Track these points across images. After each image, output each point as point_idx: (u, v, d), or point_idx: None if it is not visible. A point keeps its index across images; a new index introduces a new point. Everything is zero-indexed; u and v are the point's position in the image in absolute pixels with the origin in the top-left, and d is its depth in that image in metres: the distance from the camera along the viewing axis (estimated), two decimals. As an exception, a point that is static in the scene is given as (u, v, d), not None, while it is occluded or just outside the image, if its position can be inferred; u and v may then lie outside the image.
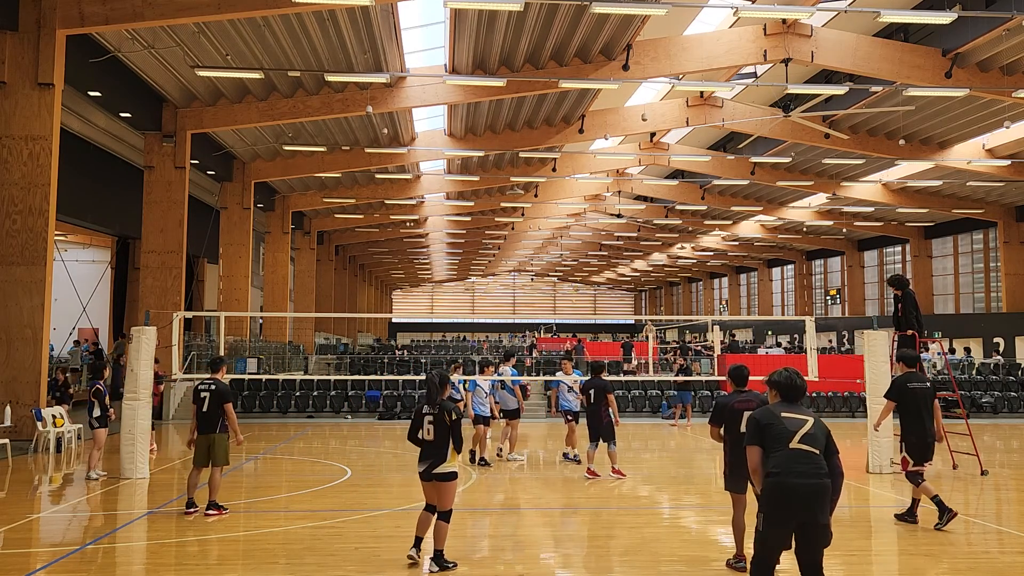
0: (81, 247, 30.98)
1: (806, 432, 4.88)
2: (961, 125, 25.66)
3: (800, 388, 5.13)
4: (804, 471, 4.77)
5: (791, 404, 5.07)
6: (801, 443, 4.83)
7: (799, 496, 4.73)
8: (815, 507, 4.75)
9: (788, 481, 4.76)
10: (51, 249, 15.34)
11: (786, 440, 4.85)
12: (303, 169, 28.53)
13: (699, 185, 36.93)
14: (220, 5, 15.01)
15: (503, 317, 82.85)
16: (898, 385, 9.05)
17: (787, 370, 5.21)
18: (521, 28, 18.45)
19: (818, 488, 4.77)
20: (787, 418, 4.94)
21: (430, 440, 6.93)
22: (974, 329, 36.19)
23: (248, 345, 27.64)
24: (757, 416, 5.01)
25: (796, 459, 4.81)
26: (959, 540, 8.16)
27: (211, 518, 8.73)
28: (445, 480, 6.88)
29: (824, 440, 4.93)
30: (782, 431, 4.90)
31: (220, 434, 8.90)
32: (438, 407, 6.97)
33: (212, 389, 8.92)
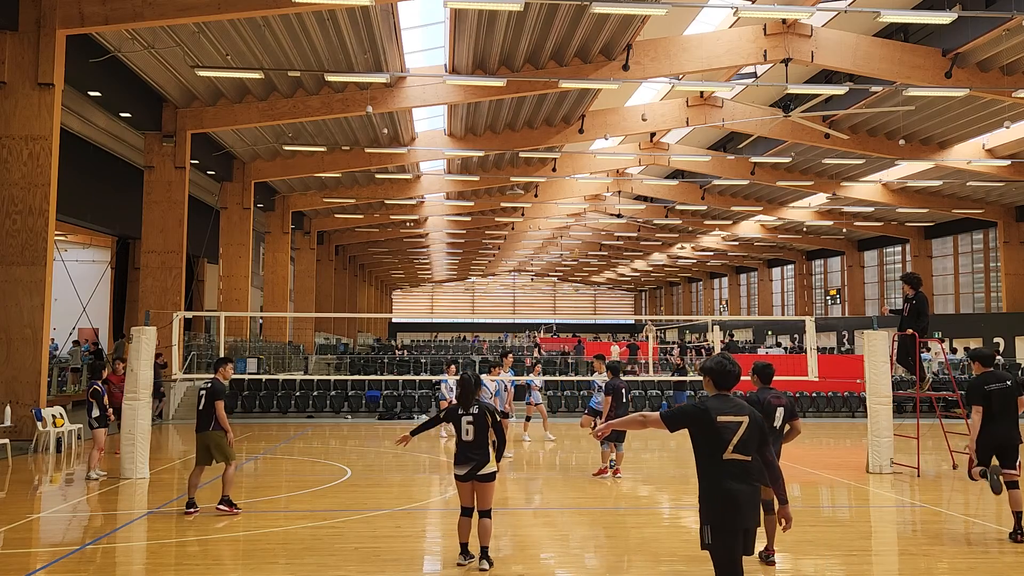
0: (81, 247, 30.99)
1: (740, 439, 4.64)
2: (961, 125, 25.66)
3: (733, 374, 4.80)
4: (741, 478, 4.64)
5: (724, 399, 4.75)
6: (735, 453, 4.63)
7: (740, 504, 4.63)
8: (752, 513, 4.70)
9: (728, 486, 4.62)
10: (51, 249, 15.34)
11: (720, 450, 4.64)
12: (303, 169, 28.54)
13: (699, 185, 36.93)
14: (220, 5, 15.01)
15: (503, 317, 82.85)
16: (977, 387, 8.19)
17: (720, 355, 4.93)
18: (521, 28, 18.45)
19: (752, 495, 4.71)
20: (722, 423, 4.65)
21: (470, 441, 6.81)
22: (974, 329, 36.18)
23: (248, 345, 27.64)
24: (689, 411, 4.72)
25: (731, 469, 4.64)
26: (959, 540, 8.16)
27: (222, 514, 8.72)
28: (489, 481, 6.81)
29: (758, 439, 4.76)
30: (716, 440, 4.64)
31: (215, 431, 8.96)
32: (478, 407, 6.90)
33: (207, 387, 9.03)
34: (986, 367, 8.34)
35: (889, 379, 12.80)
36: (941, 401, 19.23)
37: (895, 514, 9.74)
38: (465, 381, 7.00)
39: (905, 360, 12.83)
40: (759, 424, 4.77)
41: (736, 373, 4.81)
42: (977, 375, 8.35)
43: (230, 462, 9.03)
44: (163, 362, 17.06)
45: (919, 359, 12.72)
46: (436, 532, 8.77)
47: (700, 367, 4.97)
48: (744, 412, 4.70)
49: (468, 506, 6.91)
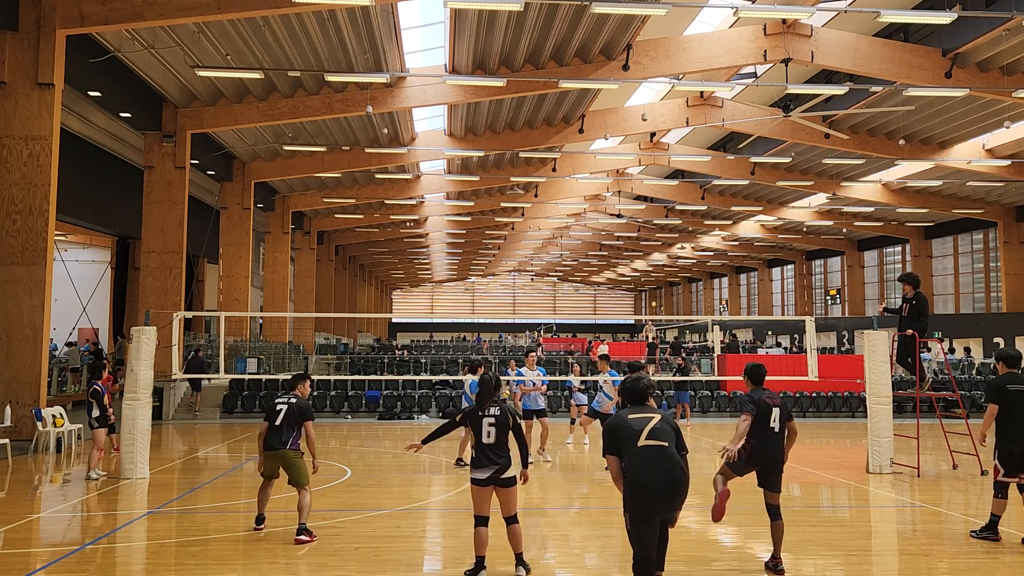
0: (81, 247, 30.99)
1: (652, 427, 5.25)
2: (961, 125, 25.66)
3: (642, 391, 5.57)
4: (656, 465, 5.14)
5: (636, 406, 5.50)
6: (649, 439, 5.19)
7: (655, 490, 5.10)
8: (671, 499, 5.14)
9: (642, 478, 5.12)
10: (51, 249, 15.34)
11: (634, 439, 5.21)
12: (303, 169, 28.53)
13: (699, 185, 36.92)
14: (220, 5, 15.01)
15: (503, 317, 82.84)
16: (998, 387, 8.09)
17: (631, 377, 5.70)
18: (521, 28, 18.45)
19: (672, 480, 5.13)
20: (633, 419, 5.32)
21: (492, 443, 6.47)
22: (974, 329, 36.17)
23: (248, 345, 27.64)
24: (609, 425, 5.40)
25: (646, 454, 5.16)
26: (959, 540, 8.16)
27: (302, 546, 7.68)
28: (512, 486, 6.53)
29: (674, 434, 5.34)
30: (629, 431, 5.27)
31: (291, 451, 8.00)
32: (499, 408, 6.60)
33: (291, 403, 8.09)
34: (1010, 368, 8.25)
35: (889, 379, 12.79)
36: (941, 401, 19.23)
37: (895, 514, 9.74)
38: (486, 381, 6.69)
39: (905, 360, 12.84)
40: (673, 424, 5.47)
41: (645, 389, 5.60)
42: (1001, 375, 8.28)
43: (304, 487, 7.97)
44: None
45: (919, 359, 12.72)
46: (436, 532, 8.78)
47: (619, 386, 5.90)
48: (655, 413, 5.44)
49: (484, 515, 6.49)
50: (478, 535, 6.50)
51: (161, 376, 16.53)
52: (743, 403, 7.07)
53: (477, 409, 6.63)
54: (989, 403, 8.13)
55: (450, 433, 6.94)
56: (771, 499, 6.93)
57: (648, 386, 5.64)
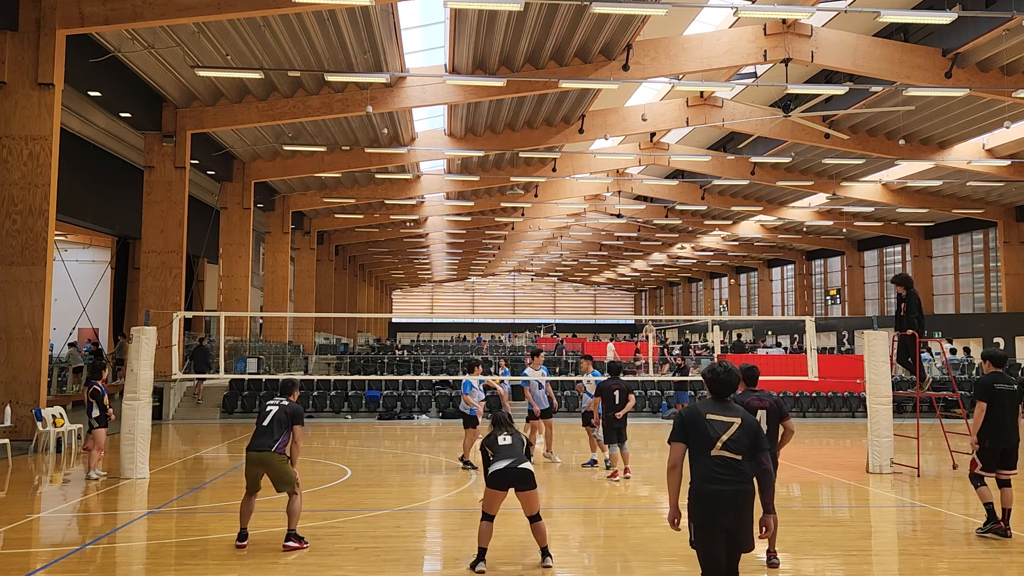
0: (81, 247, 30.98)
1: (730, 437, 4.77)
2: (961, 125, 25.65)
3: (728, 384, 4.96)
4: (725, 478, 4.72)
5: (719, 402, 4.93)
6: (723, 450, 4.75)
7: (722, 504, 4.71)
8: (739, 513, 4.74)
9: (710, 489, 4.73)
10: (51, 249, 15.34)
11: (708, 445, 4.77)
12: (303, 169, 28.53)
13: (699, 185, 36.92)
14: (220, 5, 15.00)
15: (503, 317, 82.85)
16: (986, 385, 8.24)
17: (720, 364, 5.03)
18: (521, 28, 18.45)
19: (739, 494, 4.74)
20: (712, 421, 4.81)
21: (509, 444, 7.06)
22: (974, 329, 36.17)
23: (248, 345, 27.64)
24: (683, 415, 4.95)
25: (717, 468, 4.74)
26: (959, 540, 8.16)
27: (291, 553, 7.45)
28: (531, 487, 6.94)
29: (750, 442, 4.82)
30: (704, 434, 4.79)
31: (277, 454, 7.60)
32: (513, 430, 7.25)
33: (283, 404, 7.82)
34: (996, 367, 8.42)
35: (889, 379, 12.81)
36: (941, 401, 19.23)
37: (895, 514, 9.74)
38: (498, 419, 7.31)
39: (905, 360, 12.88)
40: (754, 426, 4.86)
41: (731, 383, 4.95)
42: (987, 374, 8.42)
43: (294, 491, 7.67)
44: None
45: (919, 359, 12.75)
46: (436, 532, 8.78)
47: (700, 373, 5.12)
48: (736, 416, 4.84)
49: (493, 514, 6.91)
50: (483, 528, 6.87)
51: (161, 376, 16.53)
52: None
53: (491, 435, 7.19)
54: (978, 401, 8.27)
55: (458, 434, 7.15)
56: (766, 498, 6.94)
57: (738, 379, 5.03)
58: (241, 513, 7.75)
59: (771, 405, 7.07)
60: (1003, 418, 8.12)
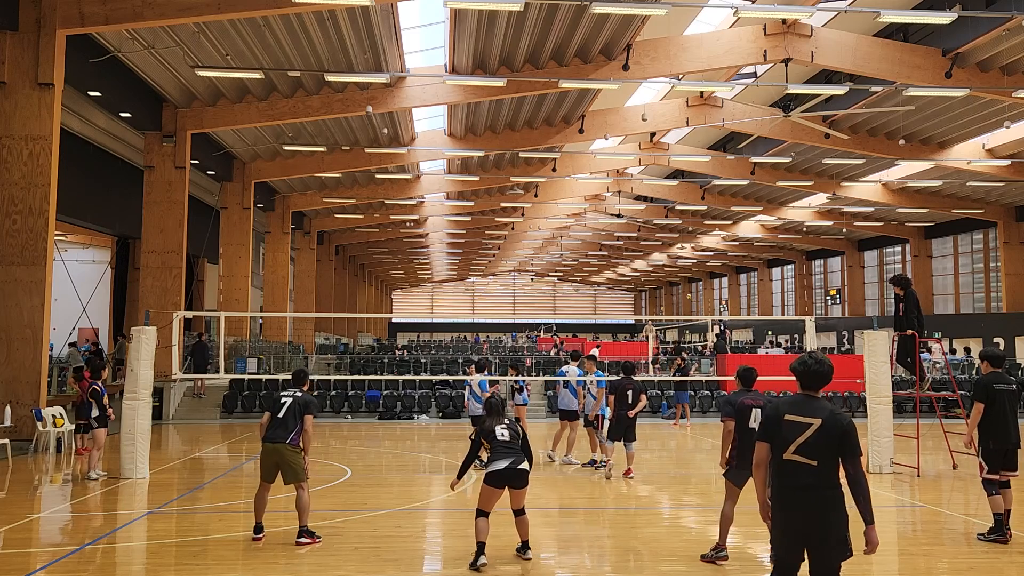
0: (81, 247, 30.98)
1: (804, 440, 4.47)
2: (961, 125, 25.65)
3: (819, 375, 4.64)
4: (795, 484, 4.48)
5: (804, 400, 4.63)
6: (796, 454, 4.46)
7: (790, 512, 4.49)
8: (810, 522, 4.47)
9: (779, 494, 4.55)
10: (51, 249, 15.34)
11: (783, 446, 4.53)
12: (303, 169, 28.53)
13: (699, 185, 36.92)
14: (220, 5, 15.00)
15: (503, 317, 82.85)
16: (985, 385, 8.17)
17: (810, 355, 4.76)
18: (521, 28, 18.45)
19: (809, 502, 4.45)
20: (788, 422, 4.53)
21: (507, 441, 7.13)
22: (974, 329, 36.17)
23: (248, 345, 27.64)
24: (768, 413, 4.70)
25: (788, 471, 4.51)
26: (959, 540, 8.16)
27: (303, 547, 7.59)
28: (524, 486, 7.10)
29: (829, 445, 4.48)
30: (779, 438, 4.56)
31: (290, 446, 7.75)
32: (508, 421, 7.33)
33: (296, 396, 7.97)
34: (995, 367, 8.37)
35: (889, 379, 12.81)
36: (941, 401, 19.23)
37: (895, 514, 9.74)
38: (492, 404, 7.41)
39: (905, 360, 12.89)
40: (837, 429, 4.50)
41: (822, 373, 4.66)
42: (986, 374, 8.38)
43: (302, 484, 7.79)
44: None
45: (919, 359, 12.76)
46: (436, 532, 8.77)
47: (791, 367, 4.82)
48: (818, 417, 4.51)
49: (488, 510, 7.01)
50: (480, 524, 6.95)
51: (161, 376, 16.52)
52: (722, 406, 7.24)
53: (490, 426, 7.23)
54: (976, 402, 8.23)
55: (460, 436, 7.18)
56: None
57: (831, 369, 4.71)
58: (256, 507, 7.90)
59: (766, 405, 7.03)
60: (1005, 418, 8.07)
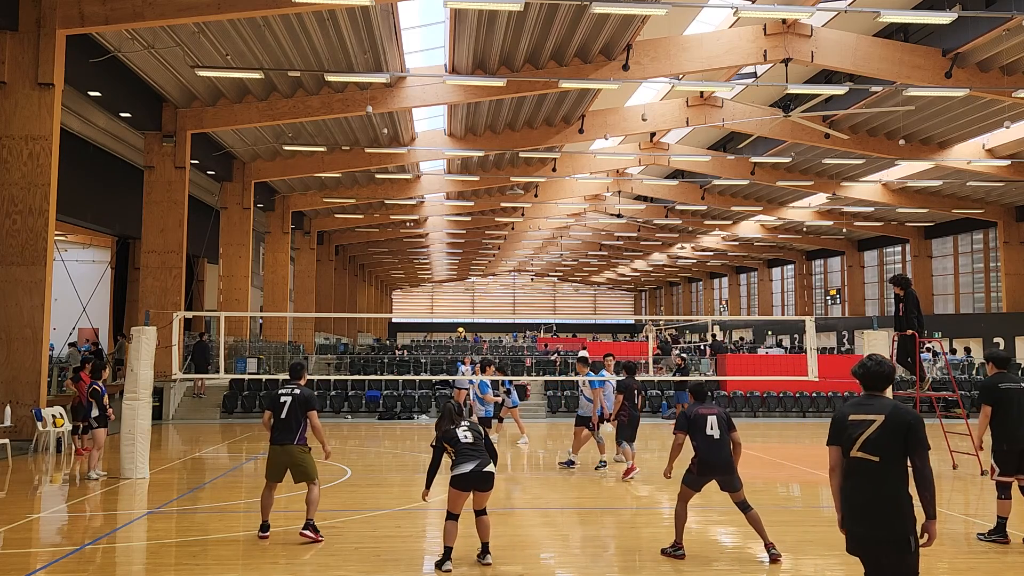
0: (81, 247, 30.99)
1: (868, 437, 4.46)
2: (961, 125, 25.65)
3: (880, 376, 4.67)
4: (860, 482, 4.47)
5: (866, 399, 4.63)
6: (861, 451, 4.47)
7: (855, 510, 4.48)
8: (874, 520, 4.41)
9: (847, 492, 4.53)
10: (51, 249, 15.34)
11: (848, 446, 4.53)
12: (303, 169, 28.53)
13: (699, 185, 36.92)
14: (220, 5, 15.01)
15: (503, 317, 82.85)
16: (990, 387, 8.07)
17: (869, 358, 4.78)
18: (521, 28, 18.45)
19: (874, 500, 4.42)
20: (853, 421, 4.54)
21: (470, 443, 7.07)
22: (974, 329, 36.17)
23: (248, 345, 27.64)
24: (835, 417, 4.69)
25: (854, 469, 4.49)
26: (959, 540, 8.16)
27: (307, 540, 7.74)
28: (489, 488, 7.08)
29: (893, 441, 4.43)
30: (846, 438, 4.55)
31: (299, 446, 7.84)
32: (469, 422, 7.29)
33: (295, 394, 7.92)
34: (1000, 368, 8.29)
35: (889, 379, 12.78)
36: (941, 401, 19.23)
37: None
38: (448, 410, 7.34)
39: (905, 360, 12.88)
40: (903, 423, 4.46)
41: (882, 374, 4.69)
42: (992, 375, 8.28)
43: (313, 481, 7.87)
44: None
45: (919, 359, 12.76)
46: (436, 532, 8.76)
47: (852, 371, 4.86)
48: (880, 413, 4.52)
49: (457, 513, 6.99)
50: (449, 527, 6.96)
51: (161, 376, 16.53)
52: (677, 419, 7.55)
53: (449, 428, 7.17)
54: (983, 404, 8.12)
55: None
56: (736, 498, 7.31)
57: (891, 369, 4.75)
58: (262, 506, 7.95)
59: (720, 412, 7.41)
60: (1017, 419, 7.90)
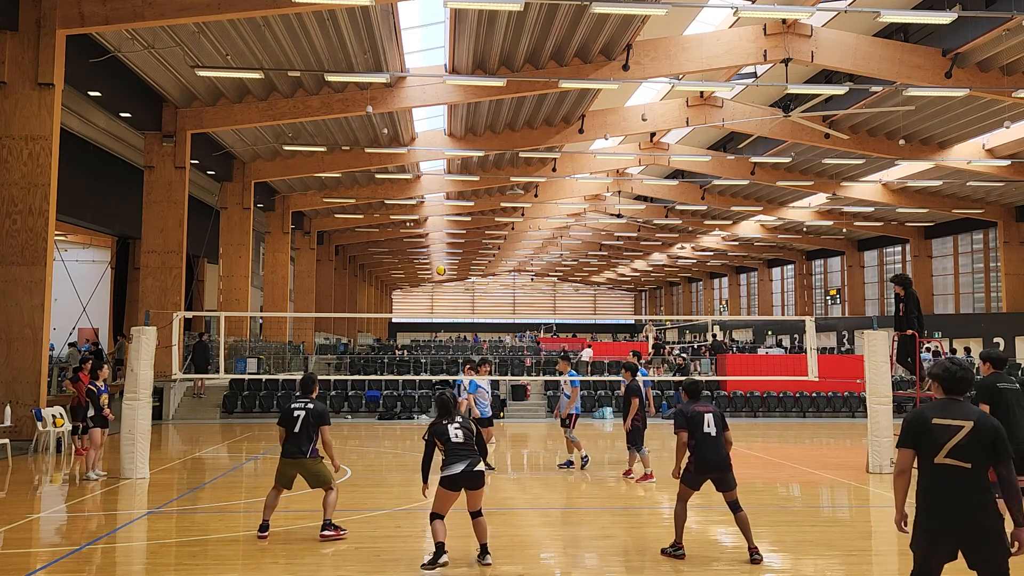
0: (81, 247, 31.00)
1: (957, 443, 4.35)
2: (961, 125, 25.65)
3: (964, 380, 4.59)
4: (950, 488, 4.36)
5: (950, 403, 4.55)
6: (948, 457, 4.35)
7: (945, 517, 4.34)
8: (971, 526, 4.32)
9: (932, 499, 4.41)
10: (51, 249, 15.34)
11: (933, 451, 4.40)
12: (303, 169, 28.54)
13: (699, 185, 36.92)
14: (220, 5, 15.01)
15: (503, 317, 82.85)
16: (988, 386, 7.95)
17: (951, 361, 4.69)
18: (521, 28, 18.45)
19: (967, 506, 4.32)
20: (937, 426, 4.43)
21: (461, 442, 7.02)
22: (974, 329, 36.16)
23: (248, 345, 27.64)
24: (909, 419, 4.60)
25: (941, 479, 4.38)
26: (959, 540, 8.14)
27: (327, 540, 7.84)
28: (481, 486, 7.05)
29: (983, 448, 4.36)
30: (928, 439, 4.43)
31: (311, 459, 7.95)
32: (461, 418, 7.23)
33: (308, 408, 8.02)
34: (996, 368, 8.23)
35: (889, 379, 12.81)
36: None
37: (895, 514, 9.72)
38: (443, 400, 7.25)
39: (905, 360, 12.88)
40: (989, 430, 4.41)
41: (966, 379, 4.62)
42: (988, 375, 8.21)
43: (330, 486, 8.01)
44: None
45: (919, 359, 12.75)
46: (436, 532, 8.77)
47: (929, 372, 4.76)
48: (968, 418, 4.43)
49: (443, 514, 6.98)
50: (437, 526, 6.94)
51: (161, 376, 16.53)
52: (675, 418, 7.48)
53: (440, 423, 7.12)
54: (980, 403, 8.01)
55: None
56: (729, 497, 7.29)
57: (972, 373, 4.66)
58: (266, 505, 8.03)
59: (715, 411, 7.39)
60: (1015, 419, 7.81)
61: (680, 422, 7.36)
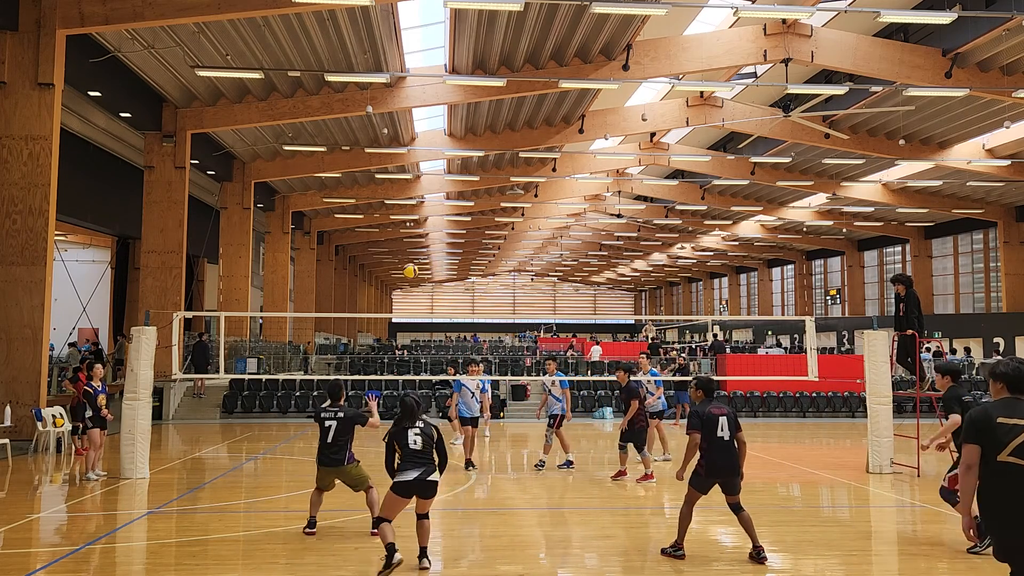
0: (81, 247, 31.00)
1: (1020, 443, 4.34)
2: (961, 125, 25.65)
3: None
4: (1011, 486, 4.34)
5: (1013, 403, 4.52)
6: (1011, 456, 4.34)
7: (1009, 515, 4.35)
8: None
9: (996, 498, 4.40)
10: (51, 249, 15.34)
11: (996, 449, 4.38)
12: (303, 169, 28.54)
13: (699, 185, 36.92)
14: (220, 5, 15.01)
15: (503, 317, 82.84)
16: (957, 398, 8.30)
17: (1012, 359, 4.65)
18: (521, 28, 18.45)
19: None
20: (1001, 424, 4.40)
21: (418, 449, 6.88)
22: (974, 329, 36.17)
23: (248, 345, 27.63)
24: (972, 416, 4.55)
25: (1006, 478, 4.36)
26: (959, 540, 8.15)
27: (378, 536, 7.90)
28: (433, 495, 6.97)
29: None
30: (992, 437, 4.41)
31: (349, 465, 8.18)
32: (423, 423, 7.04)
33: (339, 417, 8.15)
34: (955, 382, 8.65)
35: (889, 379, 12.81)
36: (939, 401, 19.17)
37: (895, 514, 9.74)
38: (408, 404, 7.07)
39: (905, 360, 12.88)
40: None
41: None
42: (950, 387, 8.59)
43: (369, 487, 8.23)
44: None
45: (919, 359, 12.75)
46: (435, 532, 8.76)
47: (991, 372, 4.70)
48: None
49: (390, 518, 6.89)
50: (384, 528, 6.84)
51: (161, 376, 16.53)
52: (689, 418, 7.35)
53: (401, 426, 6.98)
54: (952, 414, 8.35)
55: None
56: (731, 500, 7.26)
57: None
58: (311, 503, 8.25)
59: (730, 413, 7.28)
60: None
61: (695, 423, 7.23)
